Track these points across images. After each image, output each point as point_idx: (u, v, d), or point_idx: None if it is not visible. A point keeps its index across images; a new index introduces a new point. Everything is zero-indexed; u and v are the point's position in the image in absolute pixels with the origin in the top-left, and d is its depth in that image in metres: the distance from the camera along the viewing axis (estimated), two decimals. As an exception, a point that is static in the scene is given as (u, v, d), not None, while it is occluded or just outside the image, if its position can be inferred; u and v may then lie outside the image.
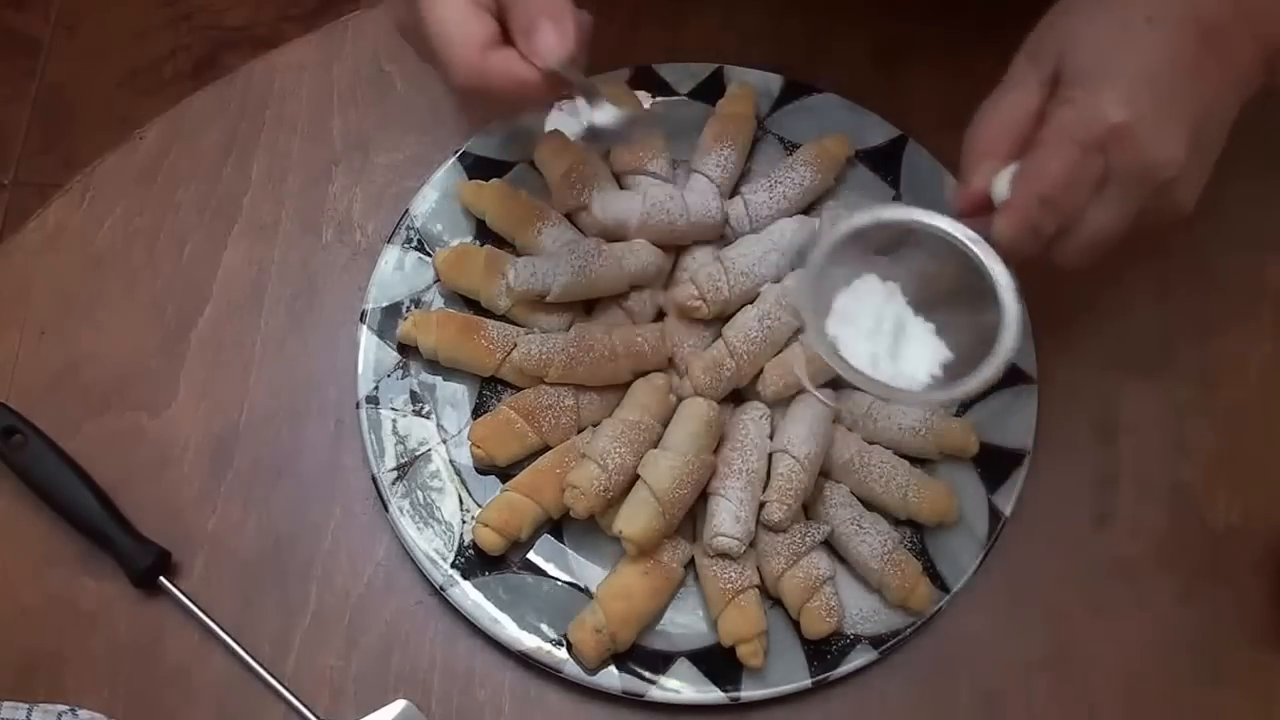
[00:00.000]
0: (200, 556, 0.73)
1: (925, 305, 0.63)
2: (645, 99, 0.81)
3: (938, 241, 0.61)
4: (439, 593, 0.71)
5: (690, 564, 0.71)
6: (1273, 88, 0.61)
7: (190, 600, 0.71)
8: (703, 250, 0.77)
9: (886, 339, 0.62)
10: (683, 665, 0.70)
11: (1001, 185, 0.59)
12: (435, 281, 0.77)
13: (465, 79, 0.57)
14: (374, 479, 0.73)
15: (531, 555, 0.72)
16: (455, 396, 0.76)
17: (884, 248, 0.64)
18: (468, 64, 0.56)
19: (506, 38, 0.58)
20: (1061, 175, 0.57)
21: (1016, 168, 0.58)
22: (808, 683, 0.69)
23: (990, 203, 0.59)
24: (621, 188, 0.79)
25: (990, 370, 0.59)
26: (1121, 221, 0.58)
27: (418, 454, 0.74)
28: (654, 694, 0.68)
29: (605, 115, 0.61)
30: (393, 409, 0.74)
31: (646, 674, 0.69)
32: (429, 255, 0.77)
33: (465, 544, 0.71)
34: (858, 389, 0.61)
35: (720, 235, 0.78)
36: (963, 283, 0.61)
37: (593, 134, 0.61)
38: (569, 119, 0.77)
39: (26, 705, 0.68)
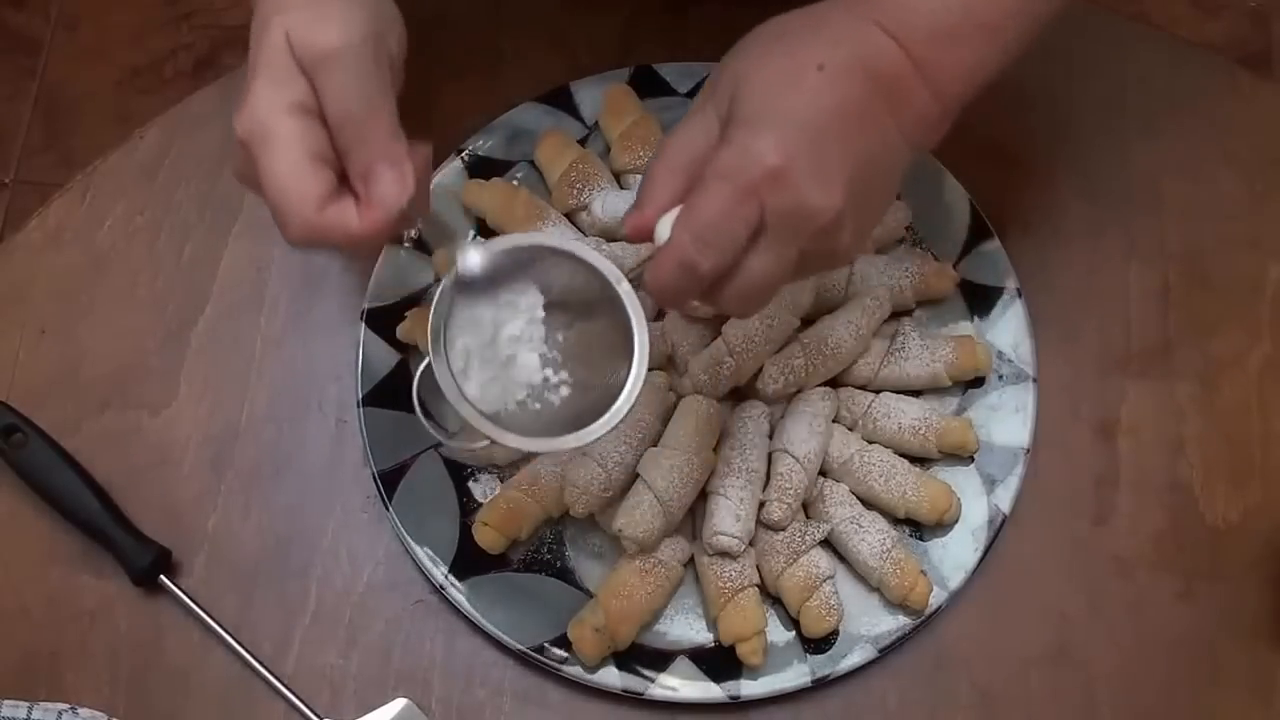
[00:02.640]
0: (200, 555, 0.73)
1: (564, 329, 0.60)
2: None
3: (593, 276, 0.58)
4: (439, 592, 0.71)
5: (690, 562, 0.71)
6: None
7: (190, 599, 0.71)
8: (702, 249, 0.77)
9: (498, 365, 0.59)
10: (682, 664, 0.70)
11: (664, 228, 0.56)
12: (435, 281, 0.77)
13: (299, 236, 0.55)
14: (374, 478, 0.73)
15: (531, 554, 0.72)
16: (455, 395, 0.76)
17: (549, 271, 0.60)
18: (303, 222, 0.55)
19: (345, 180, 0.56)
20: (715, 217, 0.54)
21: (679, 211, 0.56)
22: (807, 681, 0.69)
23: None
24: (621, 187, 0.79)
25: (602, 426, 0.56)
26: (780, 266, 0.56)
27: (418, 453, 0.74)
28: (654, 692, 0.68)
29: (468, 260, 0.57)
30: (392, 408, 0.74)
31: (646, 672, 0.69)
32: (429, 254, 0.77)
33: (465, 543, 0.72)
34: None
35: (720, 234, 0.78)
36: (606, 314, 0.59)
37: (459, 281, 0.58)
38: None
39: (27, 703, 0.68)
